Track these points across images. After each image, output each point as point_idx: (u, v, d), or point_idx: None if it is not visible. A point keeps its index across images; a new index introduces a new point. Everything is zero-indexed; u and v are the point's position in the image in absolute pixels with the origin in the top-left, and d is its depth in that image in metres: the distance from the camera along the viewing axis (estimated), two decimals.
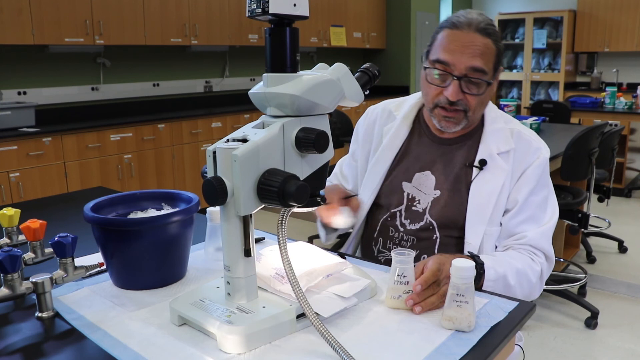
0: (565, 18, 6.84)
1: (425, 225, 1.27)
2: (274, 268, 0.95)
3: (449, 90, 1.18)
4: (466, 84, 1.18)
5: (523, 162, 1.24)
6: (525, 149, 1.24)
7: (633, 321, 2.66)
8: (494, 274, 1.09)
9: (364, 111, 1.52)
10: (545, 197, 1.24)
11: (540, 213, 1.23)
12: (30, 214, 1.32)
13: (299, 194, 0.75)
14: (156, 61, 4.68)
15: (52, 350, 0.84)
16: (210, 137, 4.44)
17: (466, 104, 1.20)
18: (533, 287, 1.18)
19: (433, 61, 1.21)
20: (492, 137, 1.26)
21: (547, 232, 1.22)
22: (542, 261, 1.20)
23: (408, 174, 1.31)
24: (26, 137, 3.37)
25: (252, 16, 0.81)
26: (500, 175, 1.22)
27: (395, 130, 1.35)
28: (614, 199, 4.57)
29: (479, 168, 1.24)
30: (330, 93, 0.84)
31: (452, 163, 1.28)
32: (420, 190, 1.29)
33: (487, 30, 1.17)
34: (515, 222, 1.22)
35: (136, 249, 1.01)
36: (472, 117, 1.24)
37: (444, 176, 1.27)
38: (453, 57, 1.17)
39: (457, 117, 1.22)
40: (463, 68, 1.17)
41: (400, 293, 0.94)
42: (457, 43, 1.17)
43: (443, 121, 1.24)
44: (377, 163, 1.35)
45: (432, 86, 1.22)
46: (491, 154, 1.24)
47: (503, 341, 0.84)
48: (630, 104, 4.96)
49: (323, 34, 5.82)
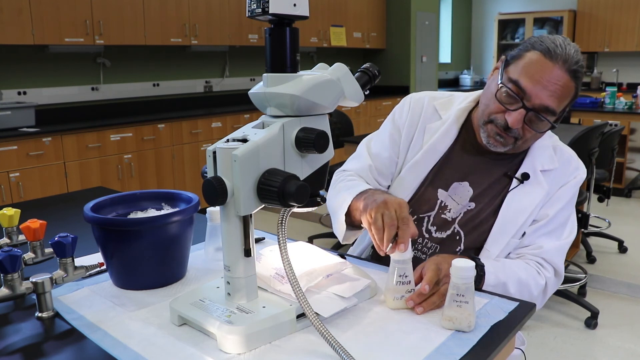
0: (565, 18, 6.84)
1: (452, 235, 1.23)
2: (274, 268, 0.95)
3: (512, 116, 1.11)
4: (530, 117, 1.12)
5: (560, 180, 1.22)
6: (564, 167, 1.22)
7: (633, 321, 2.66)
8: (494, 280, 1.08)
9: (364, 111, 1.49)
10: (568, 216, 1.23)
11: (561, 229, 1.21)
12: (30, 214, 1.32)
13: (299, 194, 0.75)
14: (156, 61, 4.68)
15: (52, 350, 0.84)
16: (210, 137, 4.44)
17: (521, 133, 1.14)
18: (533, 300, 1.14)
19: (512, 80, 1.11)
20: (538, 154, 1.22)
21: (563, 248, 1.20)
22: (550, 276, 1.18)
23: (446, 182, 1.25)
24: (26, 137, 3.37)
25: (252, 16, 0.81)
26: (538, 193, 1.19)
27: (441, 135, 1.27)
28: (614, 199, 4.57)
29: (519, 180, 1.20)
30: (330, 93, 0.84)
31: (492, 174, 1.24)
32: (454, 200, 1.24)
33: (577, 73, 1.09)
34: (537, 234, 1.20)
35: (136, 249, 1.01)
36: (520, 145, 1.19)
37: (481, 189, 1.23)
38: (535, 88, 1.08)
39: (506, 141, 1.16)
40: (538, 103, 1.09)
41: (402, 293, 0.94)
42: (544, 75, 1.07)
43: (492, 139, 1.17)
44: (416, 166, 1.27)
45: (496, 104, 1.14)
46: (535, 170, 1.21)
47: (503, 341, 0.84)
48: (630, 104, 4.96)
49: (323, 34, 5.82)
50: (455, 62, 8.31)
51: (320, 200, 0.88)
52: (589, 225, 2.91)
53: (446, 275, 0.97)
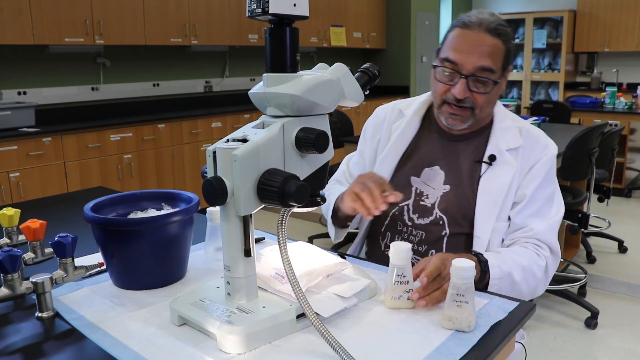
0: (565, 18, 6.84)
1: (434, 220, 1.27)
2: (274, 268, 0.95)
3: (457, 88, 1.20)
4: (473, 83, 1.20)
5: (531, 159, 1.25)
6: (533, 146, 1.26)
7: (633, 321, 2.66)
8: (499, 272, 1.10)
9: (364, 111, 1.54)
10: (552, 192, 1.27)
11: (547, 208, 1.25)
12: (30, 214, 1.32)
13: (299, 194, 0.75)
14: (156, 61, 4.68)
15: (52, 350, 0.84)
16: (210, 137, 4.44)
17: (473, 101, 1.22)
18: (538, 282, 1.19)
19: (442, 59, 1.23)
20: (501, 134, 1.27)
21: (553, 226, 1.24)
22: (547, 255, 1.22)
23: (416, 169, 1.32)
24: (26, 137, 3.37)
25: (252, 16, 0.81)
26: (508, 171, 1.24)
27: (405, 127, 1.36)
28: (614, 199, 4.57)
29: (488, 164, 1.25)
30: (330, 93, 0.84)
31: (461, 159, 1.30)
32: (428, 185, 1.30)
33: (497, 30, 1.19)
34: (523, 216, 1.24)
35: (136, 249, 1.01)
36: (479, 115, 1.25)
37: (453, 171, 1.29)
38: (462, 56, 1.19)
39: (463, 115, 1.24)
40: (471, 67, 1.19)
41: (400, 293, 0.94)
42: (466, 42, 1.19)
43: (450, 118, 1.26)
44: (385, 158, 1.36)
45: (441, 83, 1.24)
46: (500, 150, 1.25)
47: (503, 341, 0.85)
48: (630, 104, 4.96)
49: (323, 34, 5.82)
50: None
51: (320, 200, 0.88)
52: (589, 225, 2.90)
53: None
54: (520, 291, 1.16)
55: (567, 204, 2.67)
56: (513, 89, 7.65)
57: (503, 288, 1.11)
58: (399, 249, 0.93)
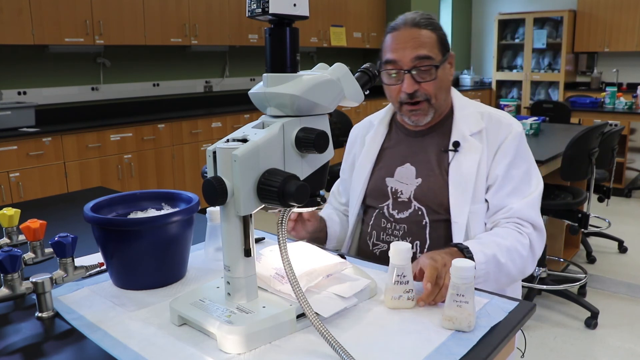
0: (565, 18, 6.84)
1: (414, 212, 1.32)
2: (274, 268, 0.95)
3: (404, 84, 1.27)
4: (418, 74, 1.26)
5: (496, 139, 1.29)
6: (496, 127, 1.30)
7: (633, 321, 2.66)
8: (483, 257, 1.11)
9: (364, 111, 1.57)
10: (527, 169, 1.29)
11: (524, 185, 1.28)
12: (30, 214, 1.32)
13: (299, 194, 0.75)
14: (156, 61, 4.68)
15: (52, 350, 0.84)
16: (210, 137, 4.44)
17: (425, 92, 1.28)
18: (525, 260, 1.21)
19: (383, 63, 1.30)
20: (463, 121, 1.32)
21: (532, 202, 1.26)
22: (530, 231, 1.23)
23: (390, 170, 1.38)
24: (26, 137, 3.37)
25: (252, 16, 0.81)
26: (475, 155, 1.28)
27: (374, 134, 1.44)
28: (614, 199, 4.57)
29: (453, 150, 1.29)
30: (330, 93, 0.84)
31: (429, 151, 1.34)
32: (402, 182, 1.35)
33: (421, 23, 1.27)
34: (500, 197, 1.26)
35: (136, 249, 1.01)
36: (436, 103, 1.30)
37: (423, 164, 1.33)
38: (398, 54, 1.26)
39: (422, 108, 1.30)
40: (409, 60, 1.25)
41: (400, 293, 0.94)
42: (399, 41, 1.27)
43: (412, 116, 1.31)
44: (360, 166, 1.43)
45: (392, 87, 1.30)
46: (464, 136, 1.30)
47: (503, 341, 0.85)
48: (630, 104, 4.95)
49: (323, 34, 5.82)
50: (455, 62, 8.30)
51: (320, 200, 0.88)
52: (589, 225, 2.90)
53: (444, 265, 0.99)
54: (509, 272, 1.17)
55: (567, 204, 2.67)
56: (513, 89, 7.64)
57: (491, 272, 1.13)
58: (399, 249, 0.93)
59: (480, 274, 1.11)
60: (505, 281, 1.20)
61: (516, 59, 7.57)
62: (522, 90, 7.38)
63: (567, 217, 2.73)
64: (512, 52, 7.58)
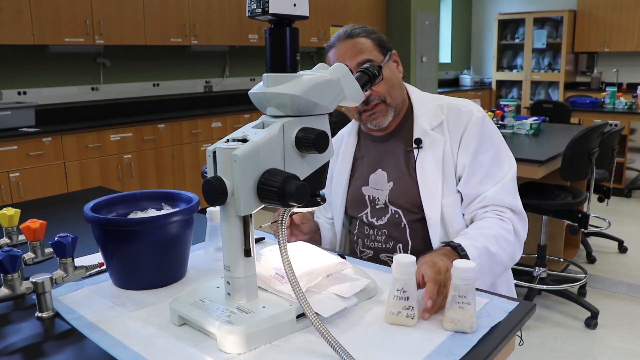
0: (565, 18, 6.84)
1: (391, 216, 1.33)
2: (274, 268, 0.95)
3: None
4: None
5: (458, 128, 1.29)
6: (456, 116, 1.30)
7: (633, 321, 2.66)
8: (476, 251, 1.11)
9: None
10: (495, 154, 1.28)
11: (495, 170, 1.27)
12: (30, 214, 1.32)
13: (299, 194, 0.75)
14: (156, 61, 4.68)
15: (52, 350, 0.84)
16: (210, 137, 4.44)
17: (377, 94, 1.28)
18: (513, 246, 1.21)
19: None
20: (423, 117, 1.32)
21: (506, 186, 1.25)
22: (510, 216, 1.23)
23: (364, 178, 1.39)
24: (26, 137, 3.37)
25: (252, 16, 0.81)
26: (438, 147, 1.28)
27: (345, 146, 1.46)
28: (614, 199, 4.57)
29: (417, 148, 1.30)
30: (330, 93, 0.84)
31: (395, 154, 1.36)
32: (377, 189, 1.36)
33: (354, 33, 1.29)
34: (472, 186, 1.26)
35: (136, 249, 1.01)
36: (392, 102, 1.31)
37: (392, 167, 1.35)
38: None
39: (379, 110, 1.30)
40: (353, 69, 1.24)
41: (399, 309, 0.88)
42: (338, 55, 1.29)
43: (372, 120, 1.31)
44: (337, 178, 1.45)
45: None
46: (425, 132, 1.30)
47: (503, 341, 0.84)
48: (630, 104, 4.95)
49: (323, 34, 5.82)
50: (455, 62, 8.30)
51: (320, 200, 0.88)
52: (589, 225, 2.90)
53: (446, 270, 0.96)
54: (502, 261, 1.17)
55: (567, 204, 2.67)
56: (513, 89, 7.65)
57: (485, 264, 1.12)
58: (400, 262, 0.87)
59: (476, 269, 1.09)
60: (499, 271, 1.20)
61: (516, 59, 7.58)
62: (522, 90, 7.38)
63: (567, 217, 2.73)
64: (512, 52, 7.59)
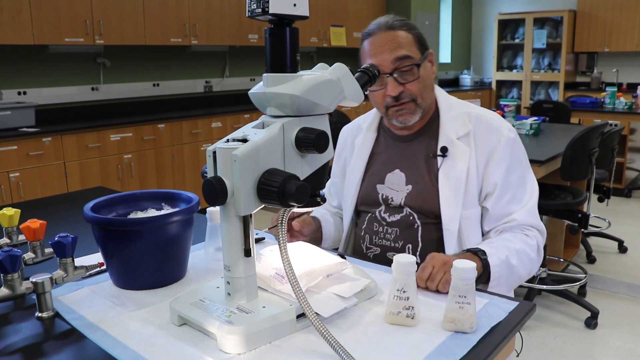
0: (565, 18, 6.84)
1: (405, 216, 1.32)
2: (274, 268, 0.95)
3: (388, 87, 1.25)
4: (400, 75, 1.25)
5: (486, 144, 1.27)
6: (485, 130, 1.28)
7: (633, 321, 2.66)
8: (497, 260, 1.13)
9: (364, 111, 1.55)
10: (521, 174, 1.28)
11: (521, 191, 1.28)
12: (30, 214, 1.32)
13: (299, 194, 0.75)
14: (156, 61, 4.68)
15: (52, 350, 0.84)
16: (210, 137, 4.43)
17: (410, 92, 1.26)
18: (533, 261, 1.23)
19: None
20: (450, 124, 1.30)
21: (532, 210, 1.27)
22: (535, 234, 1.26)
23: (380, 176, 1.37)
24: (26, 137, 3.37)
25: (252, 16, 0.81)
26: (463, 159, 1.26)
27: (363, 140, 1.43)
28: (614, 199, 4.57)
29: (442, 156, 1.28)
30: (330, 93, 0.84)
31: (417, 157, 1.33)
32: (392, 189, 1.34)
33: (395, 25, 1.26)
34: (501, 205, 1.26)
35: (136, 249, 1.01)
36: (422, 103, 1.28)
37: (412, 170, 1.32)
38: (377, 58, 1.24)
39: (408, 107, 1.27)
40: (389, 63, 1.23)
41: (399, 309, 0.88)
42: (376, 46, 1.25)
43: (399, 116, 1.29)
44: (351, 173, 1.43)
45: (376, 93, 1.28)
46: (451, 140, 1.28)
47: (503, 341, 0.85)
48: (630, 104, 4.95)
49: (323, 34, 5.82)
50: (455, 62, 8.30)
51: (320, 200, 0.88)
52: (589, 225, 2.90)
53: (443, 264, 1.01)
54: (519, 275, 1.19)
55: (567, 204, 2.67)
56: (513, 89, 7.64)
57: (503, 274, 1.14)
58: (400, 262, 0.87)
59: (494, 277, 1.12)
60: (514, 284, 1.22)
61: (516, 59, 7.57)
62: (522, 90, 7.38)
63: (567, 217, 2.73)
64: (512, 52, 7.58)
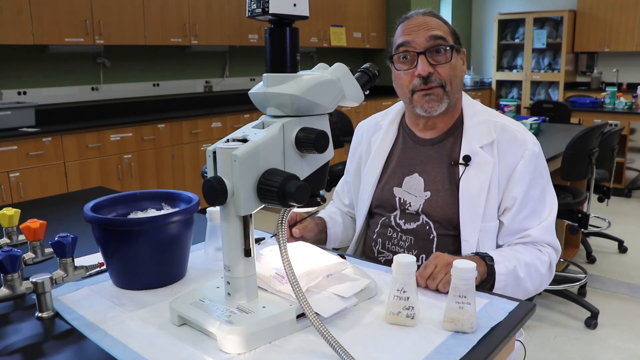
0: (565, 18, 6.84)
1: (421, 225, 1.27)
2: (274, 268, 0.95)
3: (419, 67, 1.21)
4: (432, 55, 1.22)
5: (510, 156, 1.23)
6: (510, 141, 1.24)
7: (633, 321, 2.66)
8: (504, 268, 1.11)
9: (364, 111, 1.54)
10: (542, 189, 1.25)
11: (540, 206, 1.24)
12: (30, 214, 1.32)
13: (299, 194, 0.75)
14: (156, 61, 4.68)
15: (52, 350, 0.84)
16: (210, 137, 4.43)
17: (439, 77, 1.22)
18: (542, 277, 1.21)
19: (396, 48, 1.26)
20: (474, 132, 1.26)
21: (550, 226, 1.23)
22: (550, 251, 1.23)
23: (398, 179, 1.32)
24: (26, 137, 3.37)
25: (252, 16, 0.81)
26: (486, 169, 1.22)
27: (382, 138, 1.38)
28: (614, 199, 4.56)
29: (464, 165, 1.23)
30: (330, 93, 0.84)
31: (438, 163, 1.29)
32: (410, 194, 1.29)
33: (433, 12, 1.28)
34: (519, 220, 1.22)
35: (136, 249, 1.01)
36: (451, 92, 1.24)
37: (432, 176, 1.28)
38: (412, 35, 1.23)
39: (436, 93, 1.22)
40: (423, 41, 1.22)
41: (399, 309, 0.89)
42: (412, 26, 1.24)
43: (425, 103, 1.23)
44: (368, 172, 1.38)
45: (404, 76, 1.25)
46: (474, 149, 1.23)
47: (503, 341, 0.84)
48: (630, 104, 4.95)
49: (323, 34, 5.82)
50: None
51: (320, 200, 0.88)
52: (589, 225, 2.90)
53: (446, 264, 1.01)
54: (526, 288, 1.17)
55: (567, 204, 2.67)
56: (513, 89, 7.64)
57: (509, 285, 1.12)
58: (400, 262, 0.88)
59: (499, 285, 1.10)
60: (521, 296, 1.17)
61: (516, 59, 7.57)
62: (522, 90, 7.38)
63: (567, 217, 2.73)
64: (512, 52, 7.58)
